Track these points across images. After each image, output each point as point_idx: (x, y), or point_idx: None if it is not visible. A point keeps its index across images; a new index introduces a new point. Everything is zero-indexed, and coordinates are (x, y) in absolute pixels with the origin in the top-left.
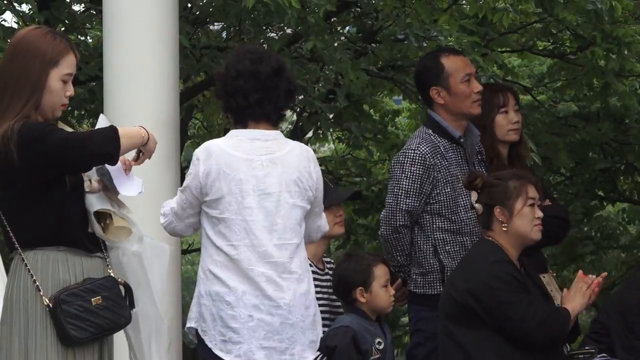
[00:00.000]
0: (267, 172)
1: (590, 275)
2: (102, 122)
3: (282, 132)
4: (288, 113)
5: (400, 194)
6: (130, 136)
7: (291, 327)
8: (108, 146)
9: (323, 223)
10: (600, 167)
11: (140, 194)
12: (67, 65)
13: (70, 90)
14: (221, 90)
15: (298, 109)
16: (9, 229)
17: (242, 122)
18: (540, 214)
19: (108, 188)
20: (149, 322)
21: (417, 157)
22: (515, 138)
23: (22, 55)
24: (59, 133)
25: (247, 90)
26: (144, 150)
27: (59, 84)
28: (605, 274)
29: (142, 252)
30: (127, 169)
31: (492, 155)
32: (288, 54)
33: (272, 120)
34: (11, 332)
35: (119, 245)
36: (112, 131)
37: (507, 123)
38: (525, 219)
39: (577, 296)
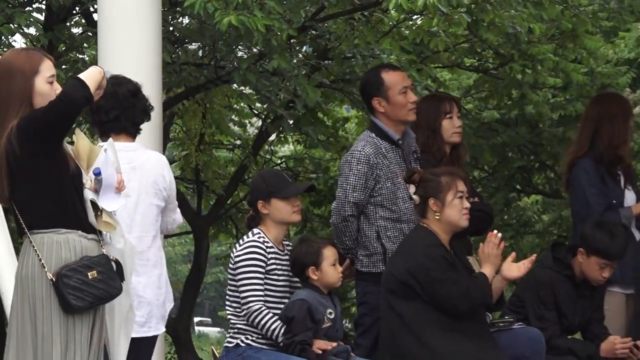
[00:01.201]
0: (129, 178)
1: (496, 232)
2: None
3: (249, 135)
4: (254, 119)
5: (348, 188)
6: (92, 77)
7: (147, 304)
8: (82, 92)
9: (178, 217)
10: (518, 165)
11: (114, 212)
12: (47, 69)
13: (58, 89)
14: (88, 108)
15: (263, 116)
16: (19, 215)
17: (106, 135)
18: (467, 205)
19: (97, 191)
20: (122, 311)
21: (363, 157)
22: (458, 140)
23: (6, 76)
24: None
25: (107, 108)
26: (100, 86)
27: (46, 86)
28: (535, 255)
29: (124, 250)
30: (119, 189)
31: (441, 155)
32: (255, 69)
33: (131, 133)
34: (22, 303)
35: (108, 241)
36: (79, 81)
37: (451, 127)
38: (455, 209)
39: (489, 259)
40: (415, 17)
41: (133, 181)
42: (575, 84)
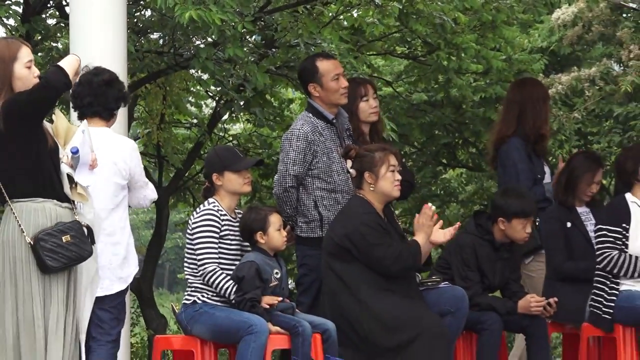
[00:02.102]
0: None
1: (431, 205)
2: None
3: (205, 115)
4: (209, 100)
5: (288, 162)
6: (70, 65)
7: (101, 268)
8: (62, 79)
9: (149, 193)
10: (444, 141)
11: (87, 186)
12: (25, 55)
13: (36, 72)
14: (69, 93)
15: (217, 98)
16: (1, 186)
17: (82, 117)
18: (399, 177)
19: (74, 167)
20: (90, 274)
21: (301, 135)
22: (375, 119)
23: None
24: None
25: (82, 95)
26: (76, 73)
27: (24, 71)
28: (459, 223)
29: (93, 220)
30: (93, 166)
31: (358, 135)
32: (211, 56)
33: (104, 117)
34: (3, 265)
35: (80, 211)
36: (59, 69)
37: (368, 108)
38: (387, 181)
39: (422, 228)
40: (352, 9)
41: (102, 162)
42: (494, 69)
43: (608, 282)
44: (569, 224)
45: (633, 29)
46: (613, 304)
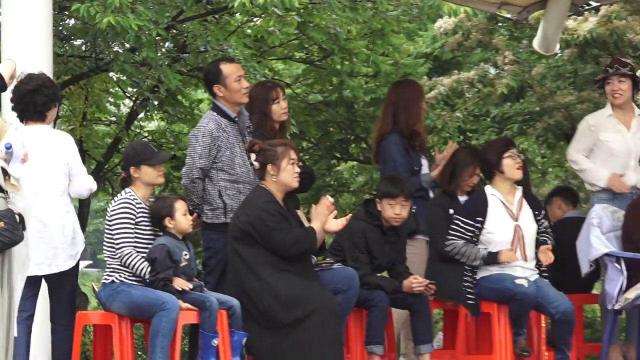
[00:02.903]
0: (38, 153)
1: (329, 197)
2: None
3: (122, 113)
4: (126, 100)
5: (195, 156)
6: (6, 70)
7: (53, 248)
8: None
9: (88, 182)
10: (337, 137)
11: (19, 178)
12: None
13: None
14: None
15: (134, 98)
16: None
17: (21, 119)
18: (297, 170)
19: (7, 161)
20: (20, 258)
21: (207, 131)
22: (285, 118)
23: None
24: None
25: (15, 101)
26: (12, 76)
27: None
28: (351, 215)
29: (25, 209)
30: (25, 160)
31: (273, 133)
32: (128, 60)
33: (38, 118)
34: None
35: (12, 201)
36: None
37: (279, 109)
38: (288, 173)
39: (318, 217)
40: (256, 19)
41: (41, 154)
42: (383, 72)
43: (470, 270)
44: (451, 211)
45: (507, 37)
46: (473, 290)
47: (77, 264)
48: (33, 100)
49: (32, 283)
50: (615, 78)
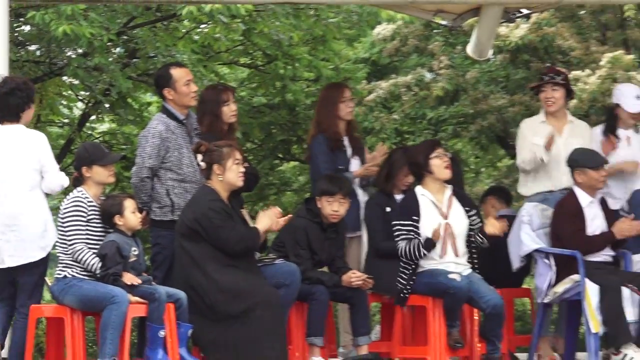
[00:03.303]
0: (11, 150)
1: (277, 208)
2: None
3: (75, 116)
4: (79, 103)
5: (145, 156)
6: None
7: (22, 241)
8: None
9: (60, 179)
10: (280, 138)
11: None
12: None
13: None
14: None
15: (86, 101)
16: None
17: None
18: (242, 169)
19: None
20: None
21: (156, 133)
22: (234, 120)
23: None
24: None
25: None
26: None
27: None
28: (290, 215)
29: None
30: None
31: (222, 134)
32: (81, 65)
33: (10, 120)
34: None
35: None
36: None
37: (229, 111)
38: (233, 173)
39: (264, 220)
40: (203, 26)
41: (14, 152)
42: (324, 77)
43: (404, 266)
44: (388, 209)
45: (443, 43)
46: (405, 283)
47: (47, 256)
48: (7, 102)
49: (4, 274)
50: (549, 86)
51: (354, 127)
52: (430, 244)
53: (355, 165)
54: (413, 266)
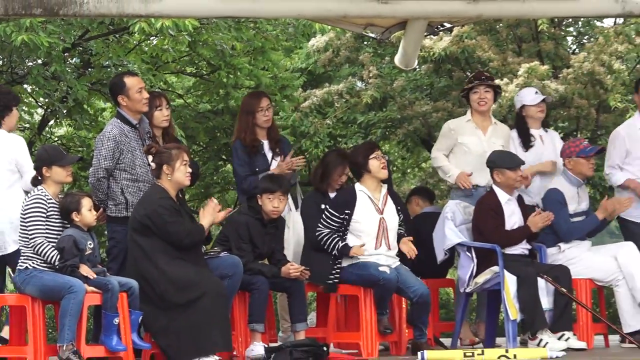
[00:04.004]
0: None
1: (214, 199)
2: None
3: (35, 121)
4: (39, 110)
5: (101, 158)
6: None
7: (2, 234)
8: None
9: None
10: (224, 142)
11: None
12: None
13: None
14: None
15: (45, 107)
16: None
17: None
18: (190, 170)
19: None
20: None
21: (111, 136)
22: (166, 124)
23: None
24: None
25: None
26: None
27: None
28: (230, 209)
29: None
30: None
31: (155, 139)
32: (41, 74)
33: None
34: None
35: None
36: None
37: (161, 116)
38: (181, 173)
39: (207, 216)
40: (152, 38)
41: None
42: (264, 85)
43: (334, 257)
44: (323, 206)
45: (372, 54)
46: (336, 273)
47: (19, 249)
48: None
49: None
50: (482, 88)
51: (274, 132)
52: (345, 251)
53: (274, 166)
54: (336, 254)
